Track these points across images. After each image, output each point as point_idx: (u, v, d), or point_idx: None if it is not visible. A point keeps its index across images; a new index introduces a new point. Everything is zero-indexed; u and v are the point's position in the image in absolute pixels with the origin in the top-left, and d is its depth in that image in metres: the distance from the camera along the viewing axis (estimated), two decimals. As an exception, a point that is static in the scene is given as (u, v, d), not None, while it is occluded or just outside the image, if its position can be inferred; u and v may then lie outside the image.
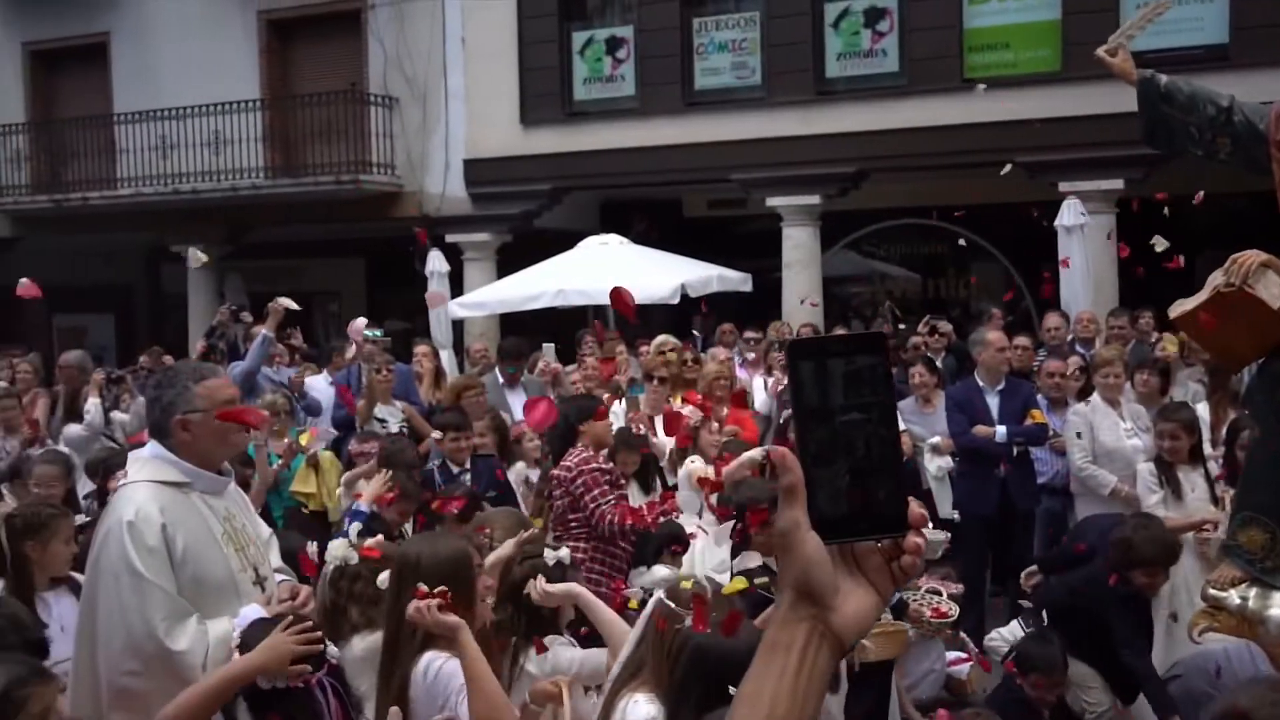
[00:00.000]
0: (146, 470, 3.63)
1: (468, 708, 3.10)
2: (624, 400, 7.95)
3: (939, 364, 9.34)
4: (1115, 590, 5.28)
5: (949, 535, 6.38)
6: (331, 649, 3.12)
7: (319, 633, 3.13)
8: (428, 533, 3.89)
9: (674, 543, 5.91)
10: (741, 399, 8.33)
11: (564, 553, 3.88)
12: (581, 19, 15.88)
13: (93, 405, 8.50)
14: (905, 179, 15.19)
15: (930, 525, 6.81)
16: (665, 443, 7.18)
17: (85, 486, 7.13)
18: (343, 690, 3.05)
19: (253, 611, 3.39)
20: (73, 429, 8.46)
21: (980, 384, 7.78)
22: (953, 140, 13.42)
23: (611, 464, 6.13)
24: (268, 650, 3.10)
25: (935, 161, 13.87)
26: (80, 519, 4.67)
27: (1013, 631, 6.10)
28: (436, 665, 3.36)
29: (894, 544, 1.20)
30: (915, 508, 1.20)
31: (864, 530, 1.19)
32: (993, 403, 7.72)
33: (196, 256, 10.40)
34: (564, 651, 3.89)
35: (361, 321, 7.56)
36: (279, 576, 3.88)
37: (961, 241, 13.28)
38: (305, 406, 8.97)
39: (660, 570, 5.94)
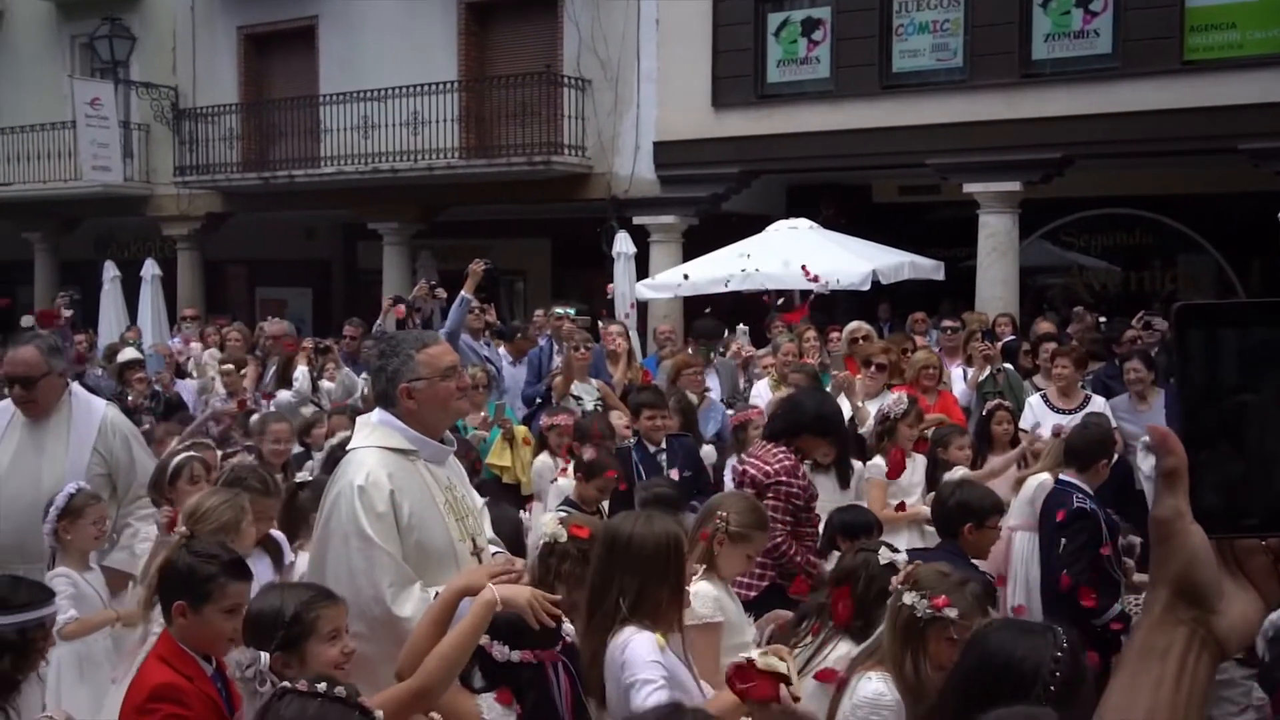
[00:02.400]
0: (375, 436, 3.69)
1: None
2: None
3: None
4: None
5: None
6: (567, 626, 3.09)
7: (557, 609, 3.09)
8: (641, 511, 3.78)
9: (845, 532, 5.74)
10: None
11: (901, 557, 3.70)
12: (776, 0, 15.67)
13: (301, 373, 8.85)
14: (1112, 166, 14.50)
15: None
16: (868, 413, 7.01)
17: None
18: (575, 670, 3.01)
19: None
20: (283, 395, 8.82)
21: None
22: (1168, 126, 12.71)
23: (807, 479, 5.85)
24: (514, 590, 3.09)
25: (1148, 148, 13.18)
26: (303, 476, 4.84)
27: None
28: (629, 637, 3.29)
29: None
30: None
31: (1255, 526, 1.05)
32: (1218, 402, 7.25)
33: None
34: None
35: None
36: (493, 548, 3.90)
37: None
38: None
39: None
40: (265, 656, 2.86)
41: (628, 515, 3.69)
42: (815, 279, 11.56)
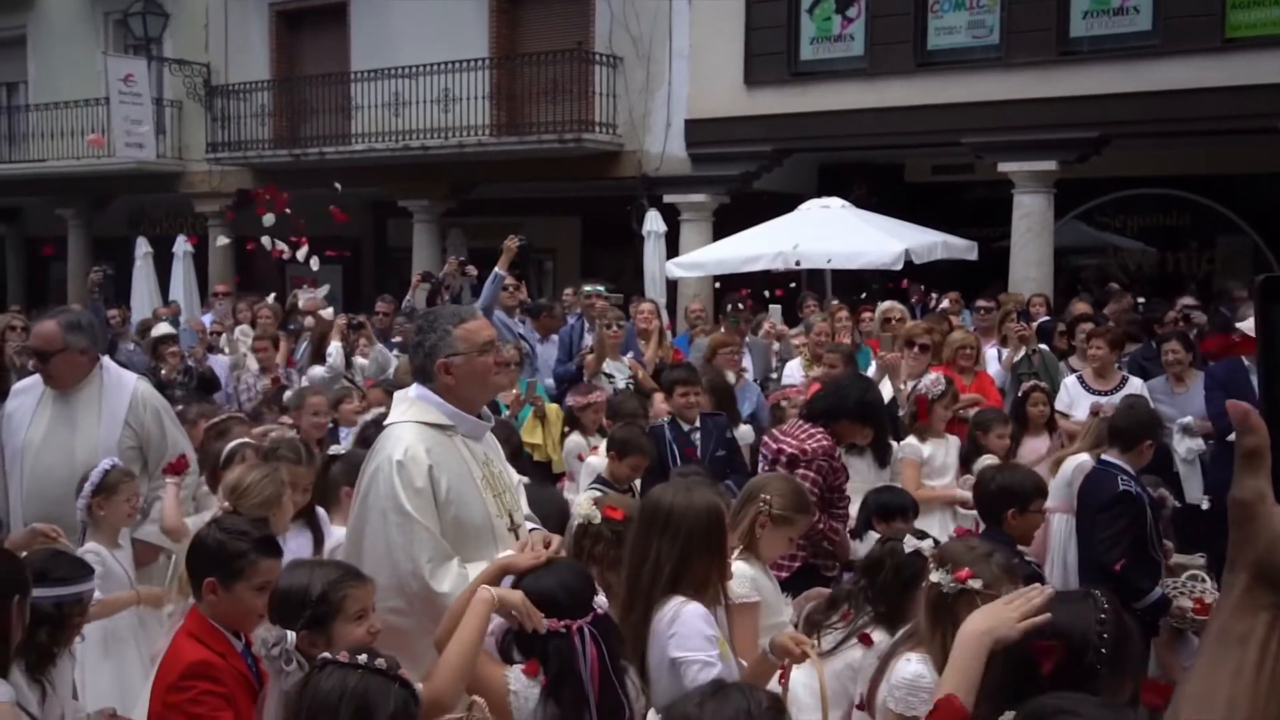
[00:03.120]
0: (412, 411, 3.67)
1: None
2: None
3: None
4: None
5: (1205, 558, 5.95)
6: (599, 599, 3.07)
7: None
8: (683, 480, 3.72)
9: (881, 514, 5.72)
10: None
11: (927, 543, 3.66)
12: (811, -23, 15.51)
13: (335, 349, 8.88)
14: (1150, 146, 14.31)
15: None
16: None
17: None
18: (604, 639, 2.98)
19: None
20: (316, 370, 8.85)
21: (1248, 363, 7.22)
22: (1209, 105, 12.52)
23: (841, 461, 5.78)
24: (508, 593, 3.09)
25: (1187, 127, 13.00)
26: (335, 449, 4.85)
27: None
28: (677, 608, 3.26)
29: None
30: None
31: None
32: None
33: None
34: None
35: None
36: (529, 525, 3.87)
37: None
38: None
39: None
40: (292, 635, 2.85)
41: (667, 486, 3.63)
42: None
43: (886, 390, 7.24)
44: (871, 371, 7.52)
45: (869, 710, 3.27)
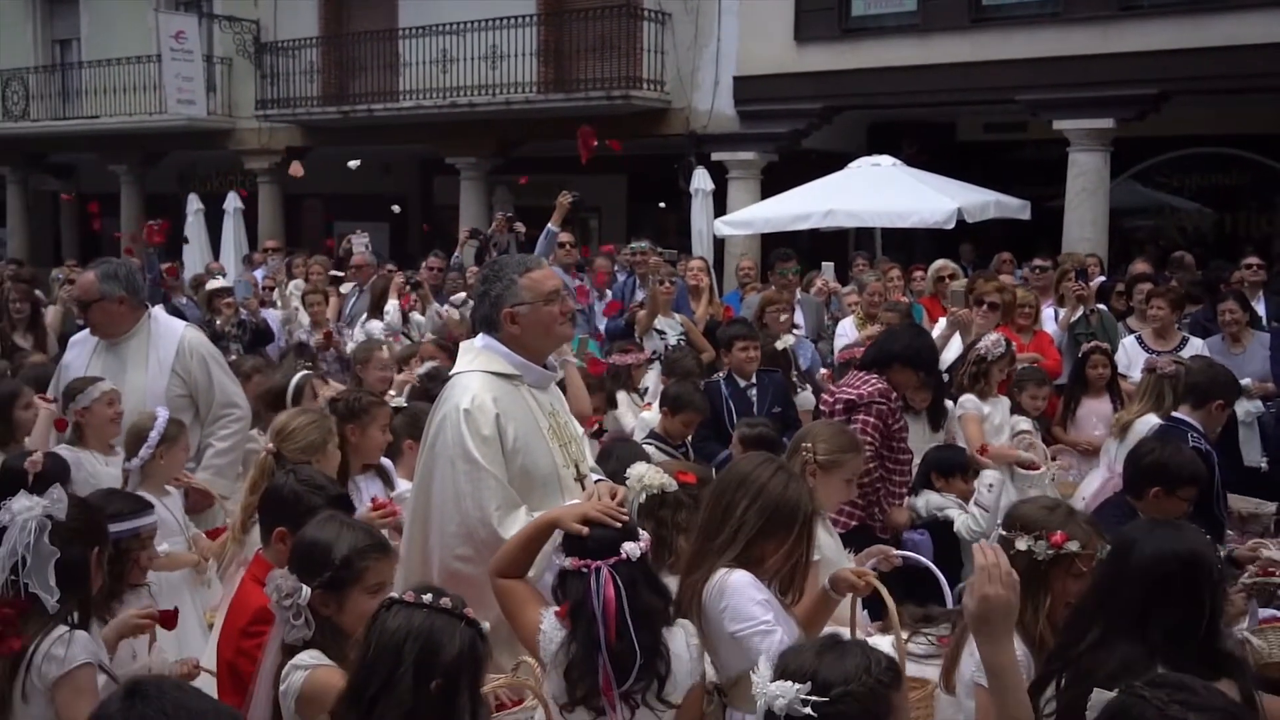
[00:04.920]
0: (479, 361, 3.68)
1: None
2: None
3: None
4: None
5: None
6: (628, 546, 3.00)
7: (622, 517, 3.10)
8: (778, 462, 3.48)
9: (940, 469, 5.69)
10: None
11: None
12: (862, -70, 15.26)
13: (392, 305, 8.94)
14: (1210, 103, 14.01)
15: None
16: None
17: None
18: (627, 585, 2.93)
19: None
20: (374, 325, 8.91)
21: (1313, 324, 7.09)
22: (1272, 61, 12.17)
23: (900, 405, 5.72)
24: (570, 508, 3.16)
25: (1249, 84, 12.69)
26: (397, 401, 4.89)
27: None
28: (723, 580, 3.22)
29: None
30: None
31: None
32: (1325, 345, 7.04)
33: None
34: None
35: None
36: (595, 475, 3.87)
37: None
38: None
39: (934, 497, 5.74)
40: (307, 590, 2.85)
41: (768, 462, 3.40)
42: None
43: (955, 347, 7.17)
44: (937, 330, 7.45)
45: (948, 688, 3.18)
